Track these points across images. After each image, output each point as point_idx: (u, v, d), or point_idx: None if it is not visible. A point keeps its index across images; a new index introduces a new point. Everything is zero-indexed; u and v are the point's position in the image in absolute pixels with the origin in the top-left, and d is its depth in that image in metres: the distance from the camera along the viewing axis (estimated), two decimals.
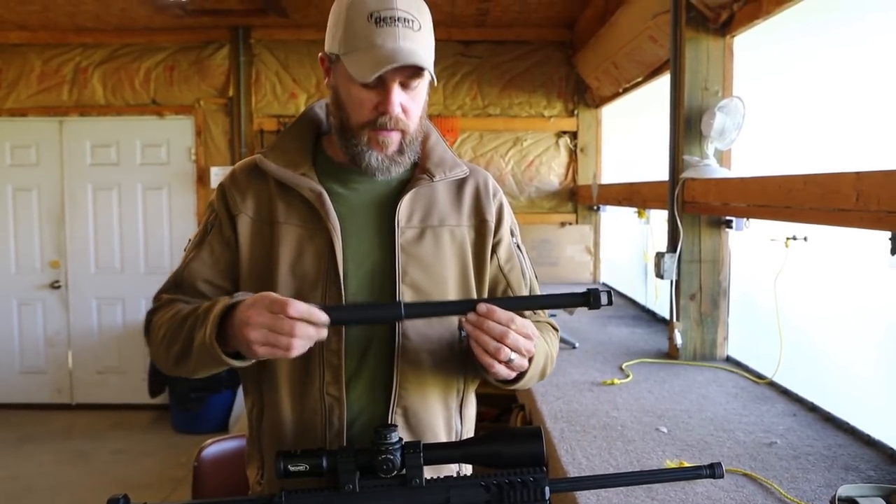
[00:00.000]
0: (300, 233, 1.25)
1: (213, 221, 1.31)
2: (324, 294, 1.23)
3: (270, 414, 1.27)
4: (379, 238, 1.27)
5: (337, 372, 1.22)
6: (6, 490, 4.17)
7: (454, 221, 1.31)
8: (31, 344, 5.59)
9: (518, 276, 1.38)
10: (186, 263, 1.31)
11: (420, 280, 1.26)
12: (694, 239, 2.73)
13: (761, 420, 2.04)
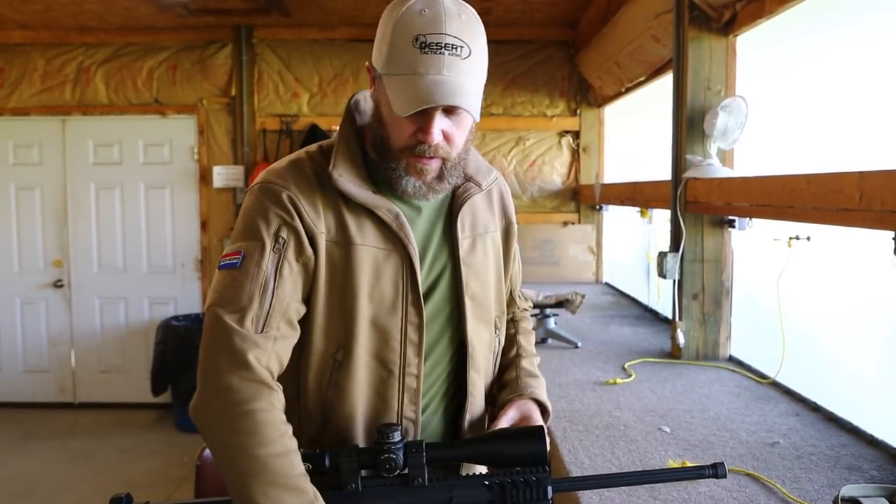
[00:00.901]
0: (375, 254, 1.18)
1: (286, 237, 1.14)
2: (403, 317, 1.18)
3: (336, 438, 1.20)
4: (440, 251, 1.26)
5: (415, 394, 1.21)
6: (9, 488, 4.18)
7: (493, 227, 1.34)
8: (34, 343, 5.60)
9: (517, 269, 1.46)
10: (270, 291, 1.11)
11: (476, 289, 1.27)
12: (697, 238, 2.73)
13: (764, 420, 2.03)
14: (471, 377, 1.26)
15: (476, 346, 1.26)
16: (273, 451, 1.03)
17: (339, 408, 1.20)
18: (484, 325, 1.29)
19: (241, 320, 1.08)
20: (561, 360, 2.74)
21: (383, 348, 1.19)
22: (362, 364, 1.18)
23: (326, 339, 1.18)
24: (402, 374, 1.20)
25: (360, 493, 1.07)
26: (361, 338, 1.17)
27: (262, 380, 1.06)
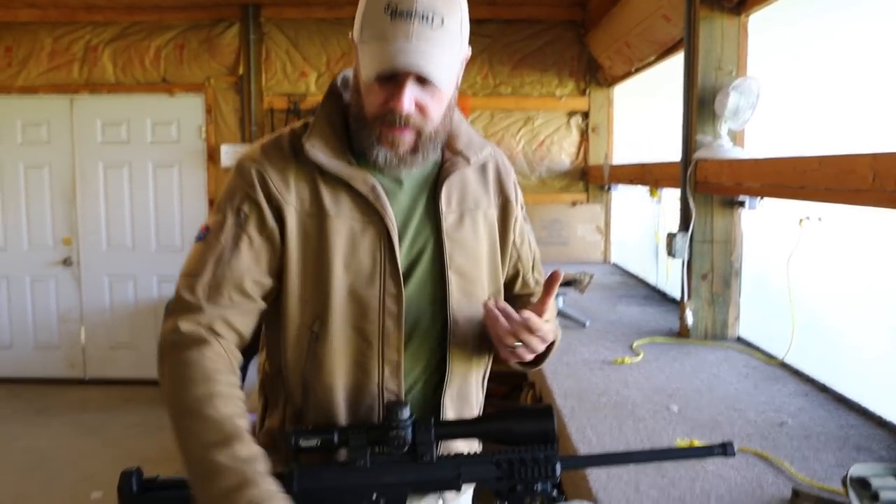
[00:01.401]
0: (352, 225, 1.19)
1: (248, 210, 1.17)
2: (381, 288, 1.19)
3: (318, 412, 1.21)
4: (423, 225, 1.25)
5: (396, 367, 1.21)
6: (23, 461, 4.23)
7: (485, 203, 1.31)
8: (44, 320, 5.64)
9: (527, 251, 1.41)
10: (225, 261, 1.15)
11: (463, 265, 1.26)
12: (706, 219, 2.72)
13: (772, 400, 2.03)
14: (451, 353, 1.25)
15: (460, 322, 1.25)
16: (196, 393, 1.06)
17: (319, 380, 1.20)
18: (474, 301, 1.27)
19: (192, 288, 1.14)
20: (569, 339, 2.75)
21: (362, 320, 1.19)
22: (341, 336, 1.19)
23: (302, 311, 1.19)
24: (381, 345, 1.19)
25: (369, 470, 1.07)
26: (338, 309, 1.18)
27: (197, 335, 1.11)
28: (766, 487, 1.47)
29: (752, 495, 1.43)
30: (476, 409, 1.35)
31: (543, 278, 1.48)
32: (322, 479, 1.07)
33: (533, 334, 1.14)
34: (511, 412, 1.12)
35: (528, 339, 1.15)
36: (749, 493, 1.44)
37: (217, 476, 0.99)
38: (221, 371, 1.10)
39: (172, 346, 1.11)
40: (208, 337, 1.12)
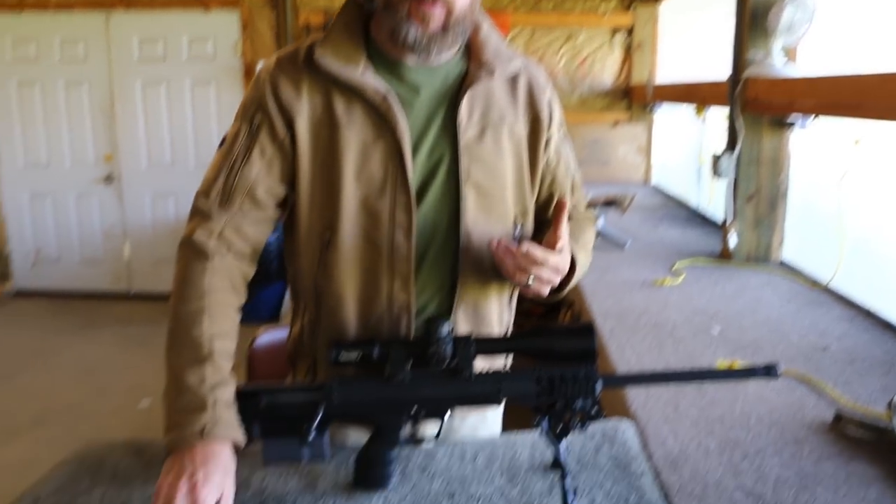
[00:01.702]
0: (364, 135, 1.17)
1: (260, 120, 1.18)
2: (392, 200, 1.18)
3: (330, 321, 1.23)
4: (441, 138, 1.22)
5: (406, 279, 1.20)
6: (74, 371, 4.40)
7: (512, 118, 1.26)
8: (89, 236, 5.76)
9: (563, 172, 1.36)
10: (236, 170, 1.18)
11: (482, 180, 1.23)
12: (754, 139, 2.63)
13: (816, 324, 2.00)
14: (464, 270, 1.23)
15: (475, 240, 1.22)
16: (187, 308, 1.10)
17: (329, 288, 1.21)
18: (496, 219, 1.25)
19: (206, 194, 1.18)
20: (609, 259, 2.72)
21: (372, 230, 1.19)
22: (350, 244, 1.19)
23: (313, 219, 1.20)
24: (391, 257, 1.19)
25: (409, 384, 1.08)
26: (348, 218, 1.18)
27: (203, 249, 1.14)
28: (807, 410, 1.46)
29: (792, 418, 1.42)
30: (499, 329, 1.33)
31: (584, 204, 1.45)
32: (362, 392, 1.08)
33: (541, 266, 1.12)
34: (552, 329, 1.11)
35: (538, 272, 1.12)
36: (790, 416, 1.43)
37: (181, 394, 1.04)
38: (218, 289, 1.13)
39: (181, 259, 1.16)
40: (215, 251, 1.15)
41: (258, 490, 1.12)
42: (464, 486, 1.13)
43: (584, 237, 1.35)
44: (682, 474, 1.20)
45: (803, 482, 1.17)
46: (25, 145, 5.64)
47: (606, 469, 1.18)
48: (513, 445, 1.26)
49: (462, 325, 1.25)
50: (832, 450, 1.28)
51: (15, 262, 5.85)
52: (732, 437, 1.34)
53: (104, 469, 1.19)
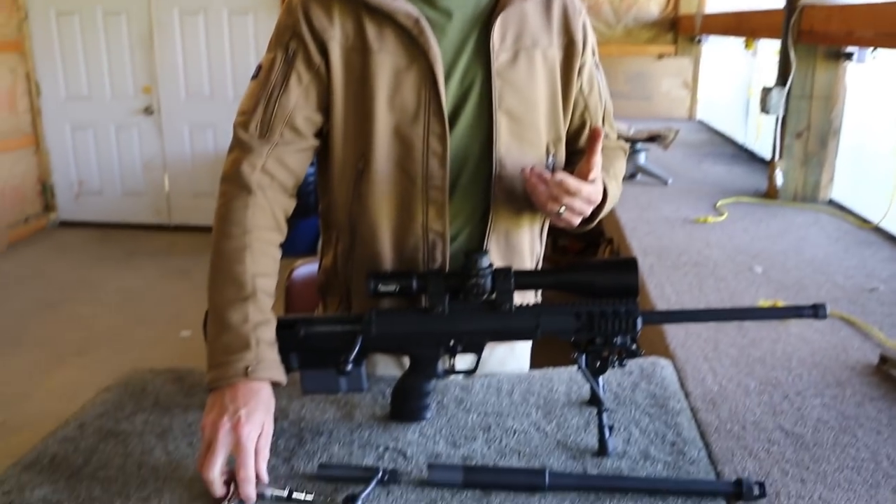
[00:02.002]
0: (396, 61, 1.15)
1: (295, 47, 1.15)
2: (425, 127, 1.16)
3: (364, 251, 1.23)
4: (473, 63, 1.18)
5: (441, 208, 1.18)
6: (118, 299, 4.51)
7: (545, 42, 1.22)
8: (129, 167, 5.83)
9: (595, 99, 1.32)
10: (274, 99, 1.15)
11: (515, 106, 1.19)
12: (807, 72, 2.52)
13: (864, 265, 1.94)
14: (497, 197, 1.20)
15: (508, 167, 1.20)
16: (230, 245, 1.09)
17: (364, 217, 1.20)
18: (528, 146, 1.22)
19: (246, 125, 1.15)
20: (650, 196, 2.67)
21: (406, 158, 1.17)
22: (384, 173, 1.17)
23: (347, 148, 1.19)
24: (425, 185, 1.17)
25: (448, 316, 1.07)
26: (382, 146, 1.16)
27: (246, 184, 1.12)
28: (851, 352, 1.42)
29: (836, 359, 1.39)
30: (530, 261, 1.32)
31: (615, 133, 1.41)
32: (400, 323, 1.08)
33: (574, 196, 1.09)
34: (593, 263, 1.08)
35: (570, 202, 1.09)
36: (833, 358, 1.40)
37: (224, 332, 1.03)
38: (261, 227, 1.11)
39: (224, 193, 1.14)
40: (258, 185, 1.13)
41: (296, 419, 1.14)
42: (500, 420, 1.13)
43: (614, 167, 1.31)
44: (720, 413, 1.18)
45: (844, 424, 1.15)
46: (66, 77, 5.67)
47: (643, 406, 1.17)
48: (549, 380, 1.25)
49: (494, 254, 1.24)
50: (875, 392, 1.26)
51: (59, 194, 5.96)
52: (773, 377, 1.31)
53: (146, 395, 1.22)
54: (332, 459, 1.03)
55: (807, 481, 0.99)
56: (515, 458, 1.03)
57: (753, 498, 0.93)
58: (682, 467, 1.01)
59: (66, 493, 0.96)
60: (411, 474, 0.99)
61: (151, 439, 1.08)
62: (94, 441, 1.08)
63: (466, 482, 0.95)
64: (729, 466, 1.03)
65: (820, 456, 1.05)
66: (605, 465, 1.01)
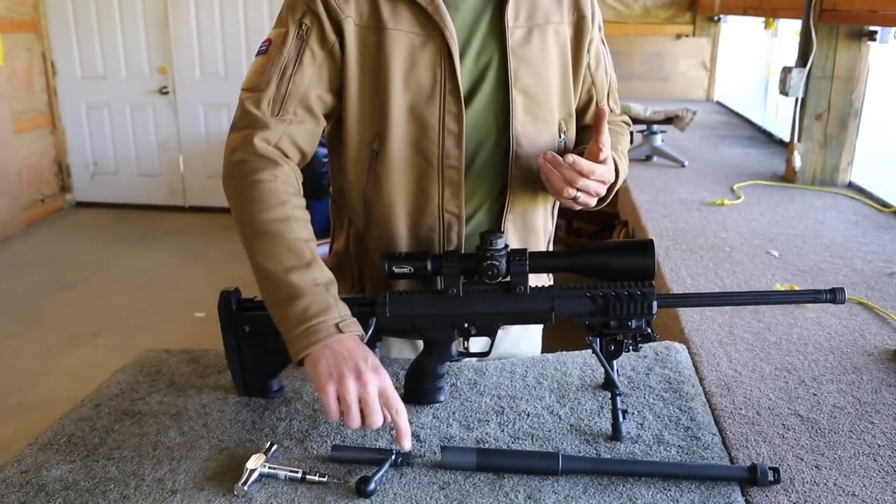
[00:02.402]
0: (411, 39, 1.13)
1: (309, 23, 1.13)
2: (441, 106, 1.14)
3: (379, 233, 1.22)
4: (488, 41, 1.17)
5: (457, 188, 1.17)
6: (133, 280, 4.54)
7: (557, 18, 1.20)
8: (145, 148, 5.84)
9: (602, 76, 1.31)
10: (288, 76, 1.12)
11: (530, 84, 1.18)
12: (828, 52, 2.48)
13: (883, 249, 1.92)
14: (514, 176, 1.20)
15: (524, 145, 1.19)
16: (272, 216, 1.06)
17: (379, 199, 1.19)
18: (542, 124, 1.21)
19: (257, 103, 1.11)
20: (666, 178, 2.65)
21: (421, 138, 1.16)
22: (400, 154, 1.16)
23: (362, 129, 1.17)
24: (441, 165, 1.16)
25: (462, 298, 1.07)
26: (397, 126, 1.15)
27: (267, 155, 1.09)
28: (868, 338, 1.41)
29: (853, 344, 1.38)
30: (544, 239, 1.31)
31: (619, 108, 1.40)
32: (414, 305, 1.08)
33: (587, 177, 1.08)
34: (609, 245, 1.07)
35: (584, 184, 1.08)
36: (850, 343, 1.39)
37: (297, 299, 1.00)
38: (294, 194, 1.10)
39: (242, 164, 1.10)
40: (279, 158, 1.11)
41: (310, 401, 1.14)
42: (513, 403, 1.13)
43: (621, 144, 1.30)
44: (734, 398, 1.17)
45: (860, 410, 1.13)
46: (81, 57, 5.68)
47: (657, 391, 1.16)
48: (563, 364, 1.25)
49: (510, 234, 1.24)
50: (893, 379, 1.24)
51: (74, 174, 5.99)
52: (788, 362, 1.30)
53: (162, 376, 1.23)
54: (345, 441, 1.03)
55: (822, 467, 0.98)
56: (529, 442, 1.03)
57: (768, 483, 0.93)
58: (696, 452, 1.00)
59: (82, 472, 0.96)
60: (424, 457, 0.99)
61: (166, 420, 1.09)
62: (109, 421, 1.09)
63: (479, 465, 0.95)
64: (743, 452, 1.02)
65: (835, 442, 1.04)
66: (618, 450, 1.01)
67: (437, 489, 0.92)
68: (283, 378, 1.18)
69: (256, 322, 1.11)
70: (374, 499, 0.90)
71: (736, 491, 0.92)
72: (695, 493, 0.91)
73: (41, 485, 0.94)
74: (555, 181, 1.09)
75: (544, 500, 0.90)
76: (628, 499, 0.90)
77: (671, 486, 0.92)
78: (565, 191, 1.09)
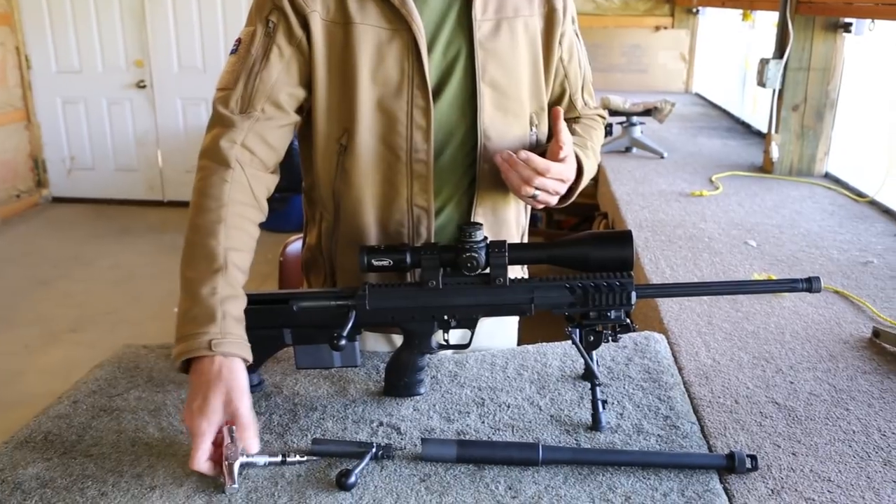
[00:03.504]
0: (378, 34, 1.13)
1: (276, 19, 1.13)
2: (409, 100, 1.14)
3: (348, 227, 1.22)
4: (456, 34, 1.17)
5: (425, 182, 1.17)
6: (112, 276, 4.50)
7: (527, 11, 1.20)
8: (122, 143, 5.78)
9: (576, 68, 1.30)
10: (255, 73, 1.13)
11: (498, 77, 1.18)
12: (805, 44, 2.50)
13: (858, 238, 1.94)
14: (482, 169, 1.19)
15: (493, 139, 1.18)
16: (204, 220, 1.06)
17: (348, 193, 1.19)
18: (512, 118, 1.20)
19: (226, 102, 1.12)
20: (645, 169, 2.66)
21: (389, 132, 1.16)
22: (368, 148, 1.16)
23: (330, 123, 1.17)
24: (409, 159, 1.16)
25: (441, 290, 1.07)
26: (365, 121, 1.15)
27: (227, 159, 1.09)
28: (844, 326, 1.43)
29: (829, 333, 1.39)
30: (517, 233, 1.31)
31: (595, 102, 1.39)
32: (394, 298, 1.07)
33: (543, 176, 1.08)
34: (588, 237, 1.08)
35: (541, 182, 1.08)
36: (827, 331, 1.40)
37: (193, 305, 1.00)
38: (237, 202, 1.08)
39: (201, 169, 1.11)
40: (237, 161, 1.10)
41: (290, 395, 1.14)
42: (494, 395, 1.13)
43: (592, 140, 1.30)
44: (713, 387, 1.18)
45: (836, 397, 1.15)
46: (56, 50, 5.61)
47: (637, 381, 1.17)
48: (543, 355, 1.25)
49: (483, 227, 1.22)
50: (868, 366, 1.26)
51: (51, 169, 5.92)
52: (766, 351, 1.32)
53: (140, 371, 1.22)
54: (325, 435, 1.03)
55: (798, 454, 0.99)
56: (509, 433, 1.03)
57: (745, 471, 0.94)
58: (675, 441, 1.01)
59: (59, 470, 0.95)
60: (405, 449, 0.99)
61: (145, 416, 1.08)
62: (87, 418, 1.08)
63: (460, 457, 0.95)
64: (721, 440, 1.03)
65: (812, 429, 1.06)
66: (598, 439, 1.02)
67: (417, 481, 0.92)
68: (263, 372, 1.17)
69: None
70: (354, 492, 0.90)
71: (714, 479, 0.92)
72: (674, 482, 0.92)
73: (17, 483, 0.93)
74: (512, 180, 1.09)
75: (525, 491, 0.90)
76: (608, 488, 0.91)
77: (650, 475, 0.93)
78: (523, 189, 1.09)
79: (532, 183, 1.08)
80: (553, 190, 1.11)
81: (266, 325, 1.10)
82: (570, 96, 1.31)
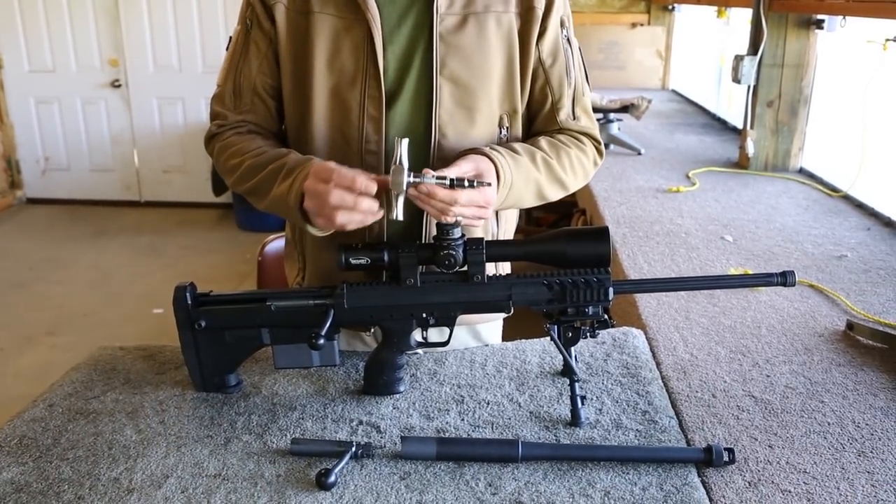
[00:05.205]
0: (336, 23, 1.15)
1: (250, 16, 1.19)
2: (362, 91, 1.14)
3: None
4: (419, 28, 1.16)
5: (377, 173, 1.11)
6: (88, 278, 4.44)
7: (500, 7, 1.17)
8: (97, 143, 5.71)
9: (560, 74, 1.22)
10: (239, 70, 1.20)
11: (460, 72, 1.16)
12: (778, 41, 2.53)
13: (832, 233, 1.97)
14: (436, 167, 1.08)
15: (450, 136, 1.16)
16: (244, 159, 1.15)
17: None
18: (478, 115, 1.18)
19: (221, 99, 1.23)
20: (623, 166, 2.67)
21: (343, 122, 1.17)
22: (322, 136, 1.18)
23: (290, 110, 1.22)
24: (361, 149, 1.16)
25: (420, 288, 1.07)
26: (320, 109, 1.17)
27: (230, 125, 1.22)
28: (819, 319, 1.44)
29: (804, 326, 1.41)
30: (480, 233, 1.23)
31: (587, 118, 1.27)
32: (372, 297, 1.07)
33: (452, 207, 1.00)
34: (565, 233, 1.08)
35: (459, 210, 1.01)
36: (802, 325, 1.42)
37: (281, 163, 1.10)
38: (258, 135, 1.21)
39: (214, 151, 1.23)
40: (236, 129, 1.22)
41: (269, 395, 1.13)
42: (473, 392, 1.13)
43: (550, 153, 1.19)
44: (690, 381, 1.19)
45: (812, 390, 1.16)
46: (28, 50, 5.53)
47: (615, 376, 1.18)
48: (522, 352, 1.26)
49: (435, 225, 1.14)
50: (842, 359, 1.28)
51: (25, 170, 5.84)
52: (743, 345, 1.33)
53: (117, 374, 1.20)
54: (305, 434, 1.03)
55: (775, 447, 1.00)
56: (489, 430, 1.04)
57: (723, 464, 0.95)
58: (654, 435, 1.02)
59: (34, 474, 0.94)
60: (385, 448, 0.99)
61: (122, 418, 1.07)
62: (63, 421, 1.07)
63: (440, 454, 0.95)
64: (699, 434, 1.04)
65: (787, 422, 1.07)
66: (577, 435, 1.02)
67: (397, 479, 0.92)
68: (242, 372, 1.17)
69: (213, 316, 1.10)
70: (334, 491, 0.90)
71: (692, 472, 0.93)
72: (652, 476, 0.92)
73: None
74: (430, 211, 1.03)
75: (505, 488, 0.90)
76: (588, 483, 0.91)
77: (629, 470, 0.94)
78: (443, 219, 1.03)
79: (448, 214, 1.02)
80: (472, 216, 1.05)
81: (244, 325, 1.09)
82: (553, 106, 1.23)
